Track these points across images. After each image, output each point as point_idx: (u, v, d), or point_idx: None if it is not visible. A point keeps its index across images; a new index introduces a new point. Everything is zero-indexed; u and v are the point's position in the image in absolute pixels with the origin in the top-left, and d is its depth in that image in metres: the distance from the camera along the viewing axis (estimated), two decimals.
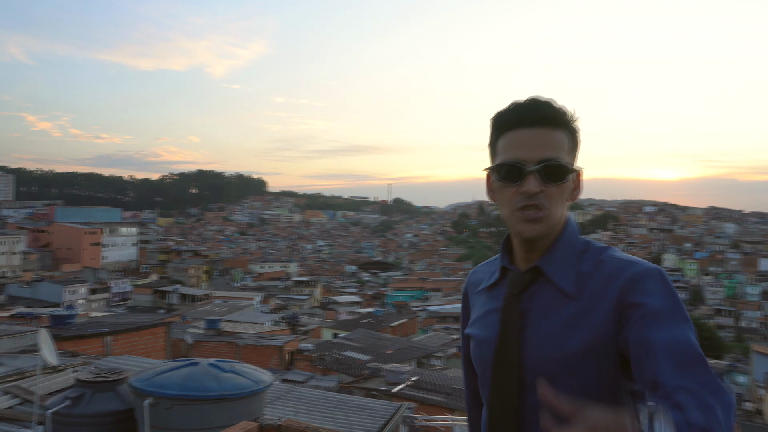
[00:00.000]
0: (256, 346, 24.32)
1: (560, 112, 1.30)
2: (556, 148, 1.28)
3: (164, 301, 62.09)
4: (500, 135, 1.33)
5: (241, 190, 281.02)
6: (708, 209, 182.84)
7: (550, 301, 1.31)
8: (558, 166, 1.27)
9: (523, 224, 1.30)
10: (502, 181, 1.31)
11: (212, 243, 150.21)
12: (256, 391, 3.90)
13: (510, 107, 1.33)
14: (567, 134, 1.31)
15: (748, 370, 47.21)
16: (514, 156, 1.28)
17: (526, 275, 1.36)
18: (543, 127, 1.28)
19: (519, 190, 1.28)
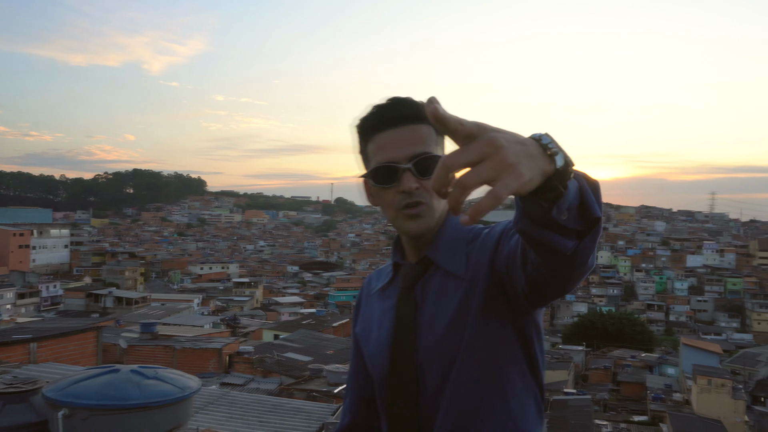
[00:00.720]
0: (194, 350, 23.75)
1: (420, 106, 1.30)
2: (424, 142, 1.30)
3: (98, 304, 59.82)
4: (368, 140, 1.35)
5: (179, 190, 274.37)
6: (639, 208, 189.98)
7: (442, 286, 1.33)
8: (430, 158, 1.28)
9: (407, 222, 1.32)
10: (379, 184, 1.32)
11: (149, 244, 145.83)
12: (182, 398, 3.71)
13: (372, 111, 1.34)
14: (431, 127, 1.31)
15: (677, 362, 49.23)
16: (386, 158, 1.30)
17: (417, 267, 1.37)
18: (407, 125, 1.30)
19: (397, 190, 1.29)
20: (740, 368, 49.59)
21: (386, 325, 1.39)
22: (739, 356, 53.78)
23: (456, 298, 1.31)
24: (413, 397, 1.32)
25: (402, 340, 1.34)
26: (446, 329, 1.30)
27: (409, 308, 1.35)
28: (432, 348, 1.31)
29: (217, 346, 24.31)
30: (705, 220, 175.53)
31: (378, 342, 1.40)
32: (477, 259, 1.31)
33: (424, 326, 1.32)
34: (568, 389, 40.97)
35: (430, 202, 1.31)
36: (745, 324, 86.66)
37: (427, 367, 1.31)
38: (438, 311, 1.32)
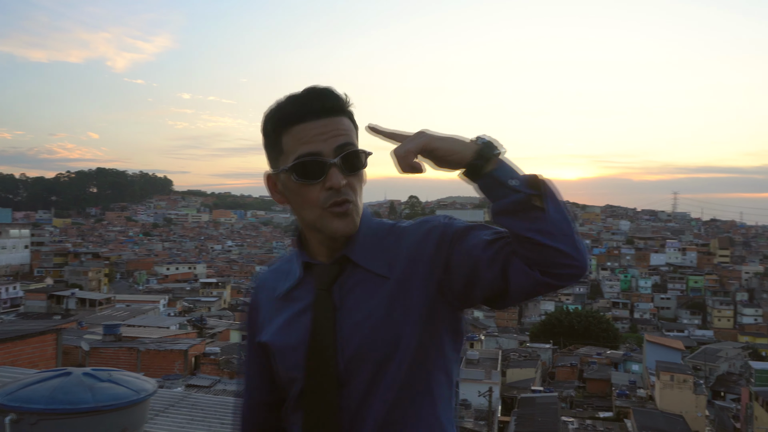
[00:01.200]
0: (159, 351, 23.40)
1: (341, 98, 1.23)
2: (347, 134, 1.21)
3: (60, 306, 58.41)
4: (283, 131, 1.21)
5: (145, 190, 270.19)
6: (605, 207, 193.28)
7: (364, 287, 1.24)
8: (357, 152, 1.21)
9: (335, 221, 1.20)
10: (303, 180, 1.19)
11: (114, 244, 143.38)
12: (136, 401, 3.58)
13: (290, 100, 1.22)
14: (349, 119, 1.24)
15: (641, 358, 50.18)
16: (311, 150, 1.18)
17: (333, 267, 1.26)
18: (330, 116, 1.20)
19: (323, 186, 1.18)
20: (701, 364, 50.83)
21: (300, 330, 1.26)
22: (700, 352, 55.15)
23: (381, 298, 1.22)
24: (334, 404, 1.21)
25: (321, 346, 1.22)
26: (372, 331, 1.20)
27: (328, 311, 1.23)
28: (356, 352, 1.21)
29: (183, 348, 24.01)
30: (668, 219, 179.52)
31: (292, 348, 1.26)
32: (407, 255, 1.24)
33: (346, 330, 1.22)
34: (535, 387, 41.41)
35: (356, 201, 1.22)
36: (706, 321, 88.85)
37: (351, 373, 1.21)
38: (361, 313, 1.22)
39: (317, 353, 1.22)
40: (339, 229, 1.21)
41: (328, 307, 1.24)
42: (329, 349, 1.21)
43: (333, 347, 1.21)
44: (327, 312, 1.23)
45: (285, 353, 1.28)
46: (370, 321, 1.21)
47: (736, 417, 40.29)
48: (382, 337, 1.20)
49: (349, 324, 1.22)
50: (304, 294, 1.28)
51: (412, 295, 1.21)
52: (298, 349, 1.25)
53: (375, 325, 1.20)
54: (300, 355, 1.24)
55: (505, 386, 40.59)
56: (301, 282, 1.30)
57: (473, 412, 33.16)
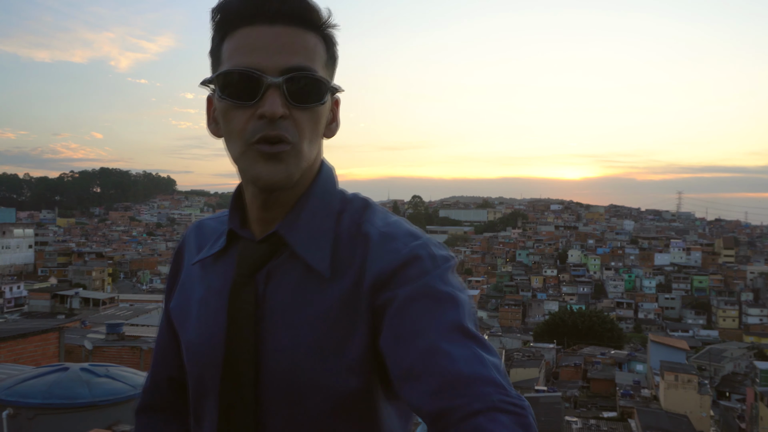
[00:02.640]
0: None
1: (313, 6, 0.89)
2: (307, 55, 0.87)
3: (64, 305, 58.64)
4: (226, 34, 0.88)
5: (148, 189, 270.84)
6: (609, 207, 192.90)
7: (297, 284, 0.90)
8: (312, 79, 0.86)
9: (261, 164, 0.85)
10: (229, 99, 0.86)
11: (118, 244, 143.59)
12: (133, 396, 3.56)
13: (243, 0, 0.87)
14: (321, 41, 0.90)
15: (646, 358, 50.06)
16: (248, 62, 0.84)
17: (262, 247, 0.93)
18: (288, 26, 0.86)
19: (255, 112, 0.84)
20: (706, 364, 50.68)
21: (212, 319, 0.94)
22: (705, 352, 54.99)
23: (317, 306, 0.89)
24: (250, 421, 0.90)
25: (236, 354, 0.90)
26: (296, 348, 0.88)
27: (247, 305, 0.91)
28: (273, 369, 0.89)
29: None
30: (672, 219, 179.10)
31: (201, 333, 0.95)
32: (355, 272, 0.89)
33: (267, 337, 0.89)
34: (539, 386, 41.34)
35: (299, 144, 0.86)
36: (711, 321, 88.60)
37: (268, 391, 0.89)
38: (288, 320, 0.89)
39: (233, 367, 0.90)
40: (261, 175, 0.86)
41: (248, 303, 0.91)
42: (248, 365, 0.89)
43: (253, 362, 0.89)
44: (246, 310, 0.91)
45: (192, 338, 0.97)
46: (298, 333, 0.88)
47: (741, 417, 40.15)
48: (305, 366, 0.88)
49: (273, 330, 0.90)
50: (225, 269, 0.96)
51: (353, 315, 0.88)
52: (209, 346, 0.93)
53: (302, 341, 0.88)
54: (209, 354, 0.93)
55: None
56: (225, 252, 0.97)
57: None
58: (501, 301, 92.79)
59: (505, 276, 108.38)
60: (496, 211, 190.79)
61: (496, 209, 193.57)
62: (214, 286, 0.96)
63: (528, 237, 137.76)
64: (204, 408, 0.96)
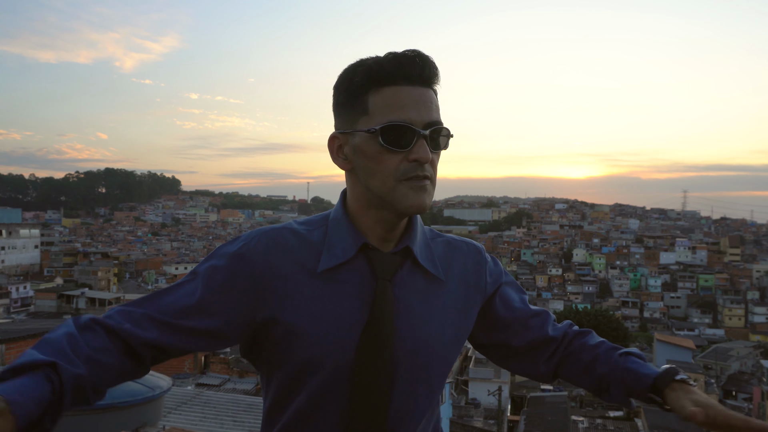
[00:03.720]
0: None
1: (439, 73, 1.14)
2: (437, 111, 1.12)
3: (70, 305, 58.73)
4: (371, 89, 1.10)
5: (153, 190, 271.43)
6: (614, 206, 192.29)
7: (420, 286, 1.18)
8: (445, 131, 1.13)
9: (412, 196, 1.09)
10: (389, 146, 1.07)
11: (123, 244, 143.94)
12: (151, 398, 3.57)
13: (390, 58, 1.10)
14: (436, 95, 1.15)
15: (651, 358, 49.94)
16: (403, 117, 1.07)
17: (395, 258, 1.16)
18: (426, 86, 1.11)
19: (407, 157, 1.08)
20: (712, 363, 50.51)
21: (350, 316, 1.11)
22: (711, 351, 54.80)
23: (440, 302, 1.19)
24: (385, 400, 1.12)
25: (379, 338, 1.11)
26: (424, 335, 1.15)
27: (390, 303, 1.13)
28: (405, 352, 1.13)
29: None
30: (677, 218, 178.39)
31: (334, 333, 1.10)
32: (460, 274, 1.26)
33: (403, 326, 1.14)
34: (545, 386, 41.29)
35: (434, 179, 1.14)
36: (716, 320, 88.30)
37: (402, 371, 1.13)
38: (416, 313, 1.16)
39: (374, 348, 1.11)
40: (414, 204, 1.10)
41: (390, 298, 1.13)
42: (387, 343, 1.11)
43: (391, 342, 1.12)
44: (389, 304, 1.13)
45: (323, 336, 1.10)
46: (423, 325, 1.16)
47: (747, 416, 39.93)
48: (430, 344, 1.16)
49: (407, 320, 1.14)
50: (352, 277, 1.14)
51: (467, 311, 1.24)
52: (343, 337, 1.11)
53: (426, 331, 1.15)
54: (342, 343, 1.10)
55: (514, 385, 40.49)
56: (349, 262, 1.15)
57: (483, 411, 33.10)
58: None
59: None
60: (500, 210, 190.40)
61: (501, 209, 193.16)
62: (345, 289, 1.13)
63: (533, 236, 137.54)
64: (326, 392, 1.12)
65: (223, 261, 1.12)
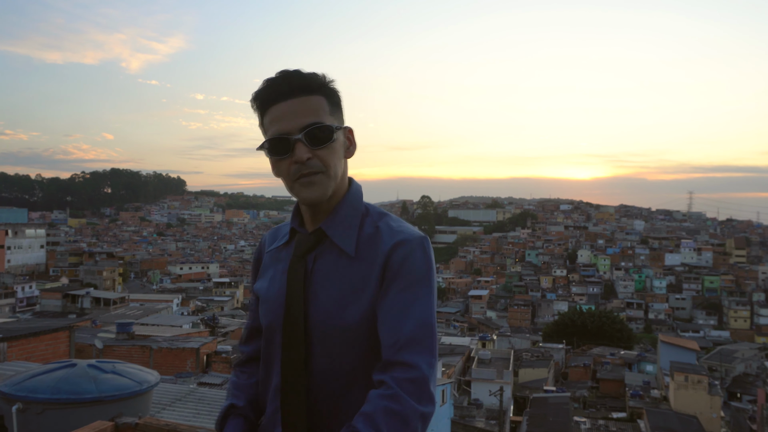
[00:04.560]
0: (171, 350, 23.49)
1: (311, 77, 1.37)
2: (315, 113, 1.35)
3: (75, 305, 58.96)
4: (264, 113, 1.38)
5: (158, 190, 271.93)
6: (619, 207, 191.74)
7: (333, 263, 1.41)
8: (321, 128, 1.35)
9: (303, 191, 1.37)
10: (274, 156, 1.37)
11: (128, 244, 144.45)
12: (139, 392, 3.62)
13: (264, 85, 1.38)
14: (325, 97, 1.38)
15: (656, 359, 49.76)
16: (278, 129, 1.34)
17: (311, 237, 1.44)
18: (298, 96, 1.35)
19: (291, 160, 1.35)
20: (717, 365, 50.31)
21: (277, 286, 1.46)
22: (716, 353, 54.57)
23: (345, 279, 1.38)
24: (301, 354, 1.38)
25: (292, 306, 1.40)
26: (331, 302, 1.37)
27: (299, 278, 1.41)
28: (321, 313, 1.38)
29: (195, 346, 24.09)
30: (683, 219, 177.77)
31: (271, 300, 1.46)
32: (372, 255, 1.38)
33: (312, 296, 1.39)
34: (547, 387, 41.20)
35: (327, 171, 1.37)
36: (722, 321, 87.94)
37: (316, 332, 1.38)
38: (326, 284, 1.39)
39: (290, 313, 1.40)
40: (306, 197, 1.38)
41: (300, 273, 1.41)
42: (299, 313, 1.39)
43: (302, 311, 1.38)
44: (299, 277, 1.41)
45: (264, 303, 1.49)
46: (329, 298, 1.38)
47: (752, 418, 39.82)
48: (334, 317, 1.36)
49: (315, 295, 1.39)
50: (286, 255, 1.48)
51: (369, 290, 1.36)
52: (274, 302, 1.45)
53: (333, 298, 1.37)
54: (276, 309, 1.44)
55: (517, 386, 40.44)
56: (288, 244, 1.50)
57: (485, 411, 33.08)
58: (510, 301, 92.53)
59: (514, 276, 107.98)
60: (505, 211, 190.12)
61: (506, 209, 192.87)
62: (280, 266, 1.49)
63: (537, 237, 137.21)
64: (271, 349, 1.47)
65: None
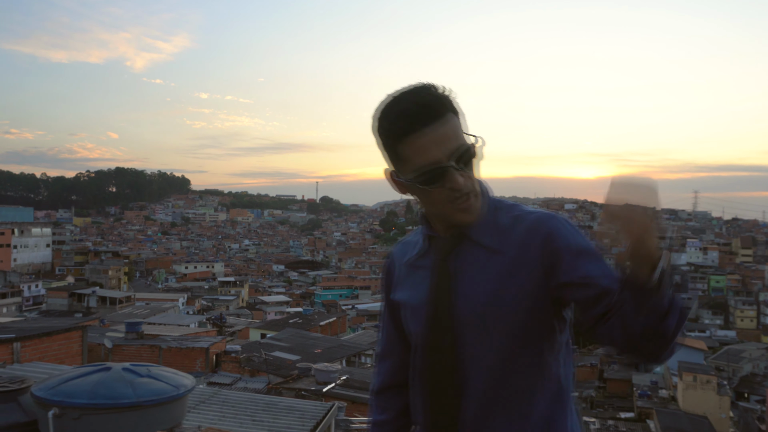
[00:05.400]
0: (181, 349, 23.49)
1: (443, 98, 1.31)
2: (456, 135, 1.31)
3: (81, 304, 59.09)
4: (398, 143, 1.32)
5: (163, 189, 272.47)
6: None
7: (477, 258, 1.41)
8: (468, 150, 1.32)
9: (460, 215, 1.37)
10: (426, 186, 1.33)
11: (133, 243, 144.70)
12: (176, 397, 3.56)
13: (398, 114, 1.30)
14: (454, 114, 1.32)
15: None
16: (429, 160, 1.30)
17: (451, 239, 1.43)
18: (437, 121, 1.29)
19: (445, 188, 1.32)
20: (724, 365, 50.13)
21: (423, 291, 1.46)
22: (723, 353, 54.37)
23: (492, 271, 1.39)
24: (451, 360, 1.40)
25: (438, 306, 1.41)
26: (482, 298, 1.37)
27: (445, 276, 1.42)
28: (467, 314, 1.38)
29: (204, 346, 24.08)
30: (688, 218, 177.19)
31: (417, 307, 1.47)
32: (519, 242, 1.38)
33: (460, 293, 1.39)
34: None
35: (475, 189, 1.37)
36: (728, 321, 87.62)
37: (463, 332, 1.39)
38: (472, 281, 1.39)
39: (436, 311, 1.42)
40: (463, 221, 1.38)
41: (444, 273, 1.43)
42: (447, 309, 1.40)
43: (450, 308, 1.40)
44: (444, 276, 1.42)
45: (411, 310, 1.49)
46: (477, 289, 1.38)
47: (761, 418, 39.64)
48: (486, 304, 1.37)
49: (462, 290, 1.40)
50: (427, 262, 1.48)
51: (523, 274, 1.37)
52: (421, 307, 1.45)
53: (480, 294, 1.38)
54: (422, 313, 1.45)
55: None
56: (426, 252, 1.50)
57: None
58: None
59: None
60: None
61: None
62: (422, 272, 1.49)
63: None
64: (417, 354, 1.49)
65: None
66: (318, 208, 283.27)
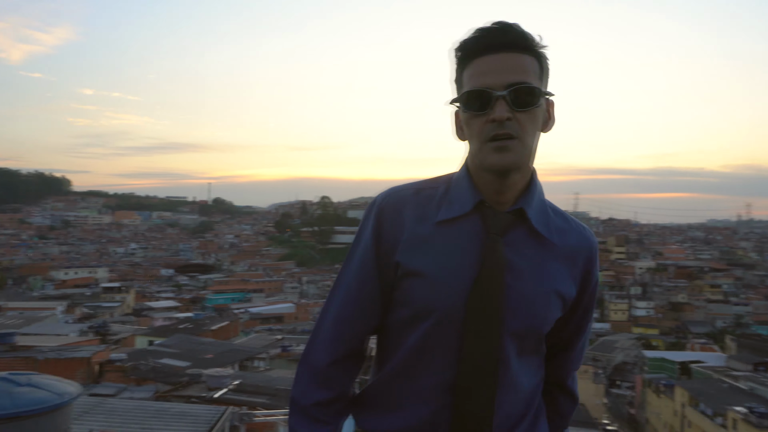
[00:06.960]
0: (59, 360, 22.16)
1: (527, 35, 1.22)
2: (524, 72, 1.20)
3: None
4: (465, 65, 1.24)
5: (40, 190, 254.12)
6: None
7: (534, 248, 1.29)
8: (528, 89, 1.20)
9: (494, 155, 1.20)
10: (468, 111, 1.22)
11: (5, 249, 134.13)
12: (60, 405, 3.47)
13: (474, 33, 1.22)
14: (535, 59, 1.23)
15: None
16: (480, 83, 1.20)
17: (508, 216, 1.27)
18: (510, 52, 1.20)
19: (488, 118, 1.19)
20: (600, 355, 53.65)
21: (464, 264, 1.26)
22: (598, 344, 58.19)
23: (546, 268, 1.29)
24: (496, 344, 1.25)
25: (489, 291, 1.23)
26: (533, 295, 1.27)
27: (500, 258, 1.25)
28: (515, 308, 1.26)
29: (86, 355, 22.91)
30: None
31: (449, 281, 1.26)
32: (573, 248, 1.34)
33: (512, 281, 1.26)
34: None
35: (522, 137, 1.21)
36: (603, 314, 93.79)
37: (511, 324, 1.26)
38: (526, 273, 1.27)
39: (484, 300, 1.23)
40: (495, 163, 1.21)
41: (500, 253, 1.25)
42: (498, 300, 1.24)
43: (501, 298, 1.24)
44: (499, 258, 1.25)
45: (440, 282, 1.26)
46: (535, 281, 1.28)
47: (630, 404, 42.85)
48: (536, 305, 1.27)
49: (515, 277, 1.26)
50: (468, 230, 1.28)
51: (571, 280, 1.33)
52: (455, 286, 1.25)
53: (533, 291, 1.27)
54: (457, 291, 1.24)
55: None
56: (466, 216, 1.28)
57: None
58: None
59: None
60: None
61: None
62: (462, 239, 1.27)
63: None
64: (438, 339, 1.27)
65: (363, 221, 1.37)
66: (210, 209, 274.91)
